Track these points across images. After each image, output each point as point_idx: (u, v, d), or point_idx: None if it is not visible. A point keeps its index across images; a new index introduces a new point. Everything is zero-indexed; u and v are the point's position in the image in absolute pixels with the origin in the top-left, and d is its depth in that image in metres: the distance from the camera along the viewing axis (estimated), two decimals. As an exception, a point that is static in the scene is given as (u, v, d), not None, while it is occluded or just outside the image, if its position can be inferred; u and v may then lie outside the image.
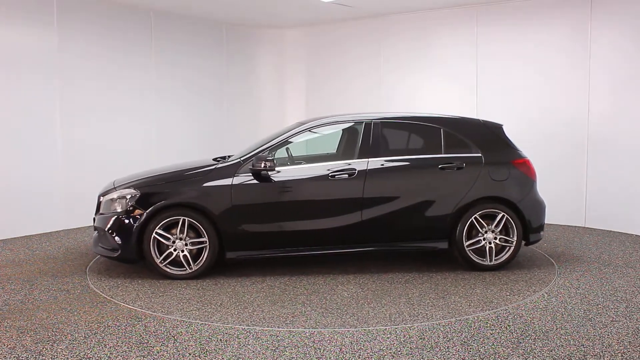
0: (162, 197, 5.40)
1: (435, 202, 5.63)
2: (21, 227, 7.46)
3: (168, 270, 5.44)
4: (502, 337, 4.01)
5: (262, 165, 5.40)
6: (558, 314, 4.45)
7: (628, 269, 5.77)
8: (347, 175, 5.55)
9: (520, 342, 3.91)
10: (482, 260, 5.65)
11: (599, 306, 4.64)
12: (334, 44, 10.05)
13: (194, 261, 5.45)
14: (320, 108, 10.00)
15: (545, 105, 8.07)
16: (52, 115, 7.70)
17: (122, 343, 3.92)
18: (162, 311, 4.59)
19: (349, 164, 5.61)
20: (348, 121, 6.08)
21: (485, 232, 5.64)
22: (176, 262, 5.45)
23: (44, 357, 3.69)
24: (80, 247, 6.88)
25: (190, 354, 3.74)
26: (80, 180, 7.97)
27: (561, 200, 7.90)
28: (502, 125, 6.04)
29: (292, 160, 6.22)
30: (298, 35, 10.45)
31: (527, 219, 5.70)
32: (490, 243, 5.66)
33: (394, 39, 9.32)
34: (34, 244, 7.04)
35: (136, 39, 8.65)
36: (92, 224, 7.95)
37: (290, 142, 5.86)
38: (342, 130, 6.34)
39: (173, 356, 3.71)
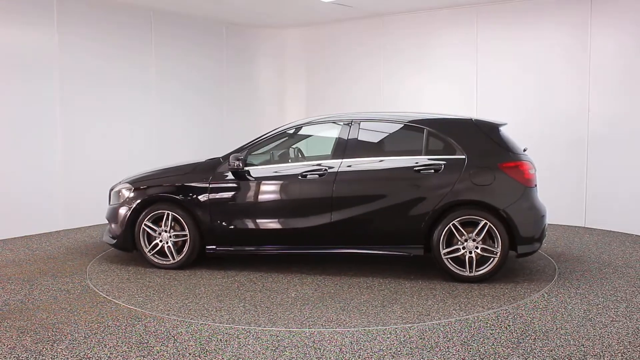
0: (149, 192, 5.89)
1: (409, 206, 5.34)
2: (21, 227, 7.45)
3: (155, 259, 5.85)
4: (502, 337, 4.01)
5: (235, 164, 5.62)
6: (558, 314, 4.45)
7: (628, 269, 5.77)
8: (317, 176, 5.54)
9: (520, 342, 3.91)
10: (461, 270, 5.25)
11: (599, 306, 4.64)
12: (334, 44, 10.05)
13: (179, 253, 5.78)
14: (320, 107, 10.00)
15: (546, 104, 8.07)
16: (52, 115, 7.70)
17: (122, 343, 3.92)
18: (113, 295, 4.61)
19: (322, 164, 5.60)
20: (329, 121, 6.03)
21: (465, 240, 5.23)
22: (164, 253, 5.84)
23: (44, 357, 3.69)
24: (80, 247, 6.88)
25: (190, 354, 3.74)
26: (80, 180, 7.97)
27: (561, 200, 7.90)
28: (499, 125, 5.59)
29: (298, 159, 6.19)
30: (298, 35, 10.45)
31: (514, 228, 5.20)
32: (470, 252, 5.23)
33: (394, 39, 9.32)
34: (34, 244, 7.04)
35: (136, 39, 8.65)
36: (92, 224, 8.15)
37: (271, 142, 5.94)
38: (325, 130, 6.26)
39: (173, 356, 3.71)
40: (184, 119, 9.38)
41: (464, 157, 5.33)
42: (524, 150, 5.70)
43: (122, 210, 5.90)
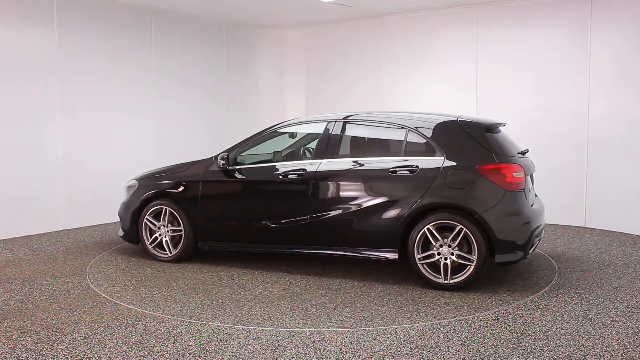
0: (150, 188, 6.18)
1: (383, 209, 5.18)
2: (21, 227, 7.45)
3: (155, 252, 6.15)
4: (502, 337, 4.01)
5: (220, 164, 5.84)
6: (558, 314, 4.45)
7: (628, 269, 5.77)
8: (296, 176, 5.56)
9: (520, 342, 3.91)
10: (436, 277, 5.01)
11: (599, 306, 4.64)
12: (334, 44, 10.05)
13: (176, 247, 6.05)
14: (320, 107, 10.01)
15: (546, 105, 8.07)
16: (52, 115, 7.70)
17: (122, 343, 3.92)
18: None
19: (302, 165, 5.63)
20: (315, 121, 6.01)
21: (440, 245, 4.99)
22: (163, 246, 6.12)
23: (44, 357, 3.69)
24: (80, 247, 6.88)
25: (190, 354, 3.74)
26: (80, 180, 7.97)
27: (561, 200, 7.90)
28: (487, 125, 5.29)
29: (299, 157, 6.15)
30: (298, 35, 10.45)
31: (491, 235, 4.89)
32: (446, 259, 4.99)
33: (394, 39, 9.32)
34: (34, 244, 7.04)
35: (136, 39, 8.65)
36: (92, 224, 8.20)
37: (260, 142, 6.00)
38: (311, 130, 6.19)
39: (173, 356, 3.71)
40: (185, 118, 9.38)
41: (442, 158, 5.10)
42: (524, 152, 5.55)
43: (128, 205, 6.29)
